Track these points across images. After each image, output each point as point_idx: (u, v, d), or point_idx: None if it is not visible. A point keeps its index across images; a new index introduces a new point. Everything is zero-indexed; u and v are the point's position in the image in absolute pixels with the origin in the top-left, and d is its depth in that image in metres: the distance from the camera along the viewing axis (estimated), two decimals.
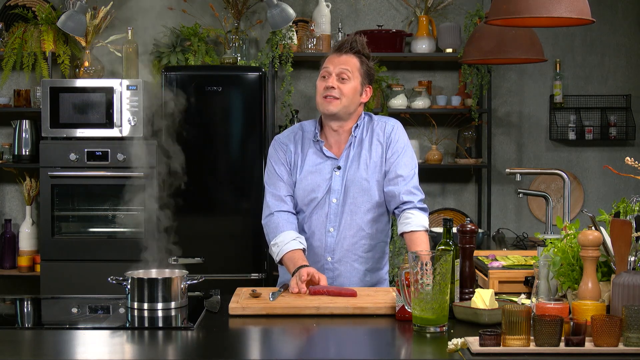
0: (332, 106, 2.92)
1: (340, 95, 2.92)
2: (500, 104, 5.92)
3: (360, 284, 3.01)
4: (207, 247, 4.98)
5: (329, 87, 2.91)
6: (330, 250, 2.99)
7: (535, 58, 4.29)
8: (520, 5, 3.00)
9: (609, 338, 2.17)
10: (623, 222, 2.40)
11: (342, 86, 2.92)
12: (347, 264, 2.99)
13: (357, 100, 2.96)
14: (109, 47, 5.46)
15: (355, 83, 2.94)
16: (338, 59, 2.94)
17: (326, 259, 3.00)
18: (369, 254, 3.02)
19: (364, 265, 3.02)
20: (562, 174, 4.25)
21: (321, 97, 2.94)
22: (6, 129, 5.76)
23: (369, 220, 2.98)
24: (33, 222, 5.49)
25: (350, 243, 2.98)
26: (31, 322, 2.88)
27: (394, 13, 5.88)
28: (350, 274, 3.00)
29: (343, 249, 2.98)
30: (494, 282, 3.41)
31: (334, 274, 3.00)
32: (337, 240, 2.98)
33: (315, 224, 3.00)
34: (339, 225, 2.98)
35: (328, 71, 2.94)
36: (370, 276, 3.05)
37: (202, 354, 2.35)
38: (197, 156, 5.00)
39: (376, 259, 3.05)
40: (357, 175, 2.96)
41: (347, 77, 2.92)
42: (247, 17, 5.69)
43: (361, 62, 2.95)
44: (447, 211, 5.86)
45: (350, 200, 2.97)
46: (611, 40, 5.88)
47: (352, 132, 3.00)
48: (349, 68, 2.92)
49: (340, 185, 2.96)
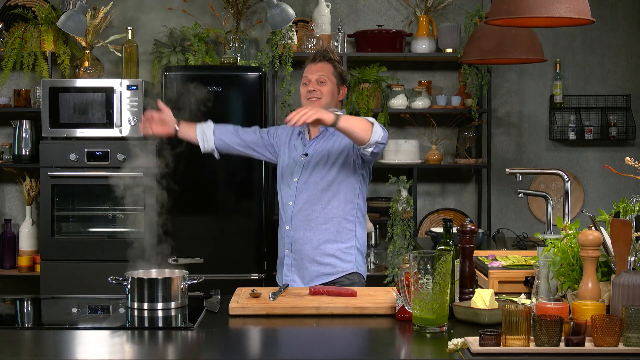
0: (315, 105, 3.39)
1: (321, 95, 3.44)
2: (500, 104, 5.92)
3: (313, 251, 3.42)
4: (207, 247, 4.98)
5: (310, 90, 3.45)
6: (289, 220, 3.46)
7: (535, 58, 4.29)
8: (520, 5, 3.00)
9: (609, 338, 2.17)
10: (623, 222, 2.40)
11: (321, 88, 3.45)
12: (300, 232, 3.43)
13: (335, 99, 3.49)
14: (109, 47, 5.46)
15: (332, 85, 3.47)
16: (314, 66, 3.48)
17: (286, 227, 3.48)
18: (323, 226, 3.42)
19: (316, 235, 3.42)
20: (562, 174, 4.25)
21: (305, 99, 3.48)
22: (6, 129, 5.76)
23: (322, 197, 3.41)
24: (33, 222, 5.49)
25: (303, 215, 3.42)
26: (31, 322, 2.88)
27: (394, 13, 5.88)
28: (303, 241, 3.43)
29: (297, 219, 3.44)
30: (494, 282, 3.41)
31: (290, 240, 3.46)
32: (293, 212, 3.44)
33: (284, 196, 3.51)
34: (295, 199, 3.44)
35: (308, 79, 3.48)
36: (326, 247, 3.42)
37: (202, 354, 2.35)
38: (197, 156, 4.98)
39: (332, 231, 3.43)
40: (319, 161, 3.42)
41: (324, 80, 3.45)
42: (247, 17, 5.69)
43: (334, 67, 3.48)
44: (447, 211, 5.86)
45: (306, 179, 3.43)
46: (611, 40, 5.89)
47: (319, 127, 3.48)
48: (324, 73, 3.46)
49: (301, 167, 3.45)
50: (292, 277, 3.45)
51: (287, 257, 3.48)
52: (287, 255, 3.48)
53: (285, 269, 3.48)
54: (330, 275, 3.40)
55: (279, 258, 3.58)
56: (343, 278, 3.41)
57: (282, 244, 3.51)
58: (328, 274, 3.41)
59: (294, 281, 3.43)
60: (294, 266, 3.46)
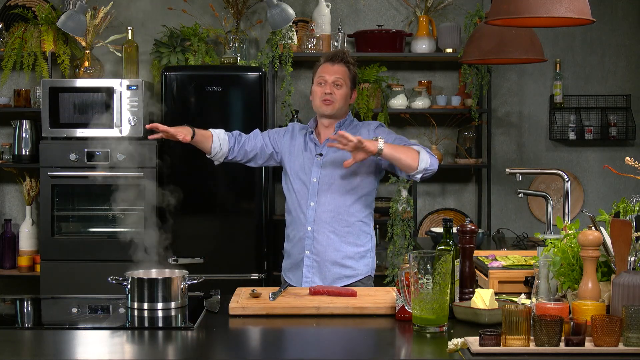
0: (329, 109, 3.44)
1: (336, 99, 3.43)
2: (500, 104, 5.92)
3: (336, 253, 3.39)
4: (207, 247, 4.98)
5: (327, 92, 3.42)
6: (311, 221, 3.40)
7: (535, 58, 4.29)
8: (520, 5, 3.00)
9: (609, 338, 2.17)
10: (623, 222, 2.40)
11: (337, 91, 3.44)
12: (324, 234, 3.39)
13: (347, 102, 3.50)
14: (109, 47, 5.46)
15: (347, 89, 3.47)
16: (332, 68, 3.45)
17: (307, 228, 3.41)
18: (345, 228, 3.40)
19: (340, 237, 3.40)
20: (562, 174, 4.25)
21: (320, 100, 3.45)
22: (6, 129, 5.76)
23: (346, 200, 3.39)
24: (33, 222, 5.49)
25: (328, 217, 3.38)
26: (31, 322, 2.88)
27: (394, 13, 5.88)
28: (327, 243, 3.39)
29: (320, 221, 3.39)
30: (494, 282, 3.41)
31: (312, 241, 3.40)
32: (316, 213, 3.38)
33: (300, 197, 3.43)
34: (318, 200, 3.39)
35: (324, 79, 3.44)
36: (347, 249, 3.41)
37: (202, 354, 2.35)
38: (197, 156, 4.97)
39: (354, 234, 3.42)
40: (335, 161, 3.39)
41: (340, 83, 3.44)
42: (247, 17, 5.69)
43: (349, 70, 3.48)
44: (447, 211, 5.86)
45: (326, 180, 3.39)
46: (611, 40, 5.89)
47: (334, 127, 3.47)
48: (341, 76, 3.45)
49: (319, 167, 3.42)
50: (313, 279, 3.38)
51: (307, 259, 3.40)
52: (307, 257, 3.40)
53: (305, 271, 3.39)
54: (351, 277, 3.38)
55: (291, 259, 3.49)
56: (358, 282, 3.40)
57: (301, 245, 3.42)
58: (349, 276, 3.38)
59: (314, 283, 3.36)
60: (315, 268, 3.39)
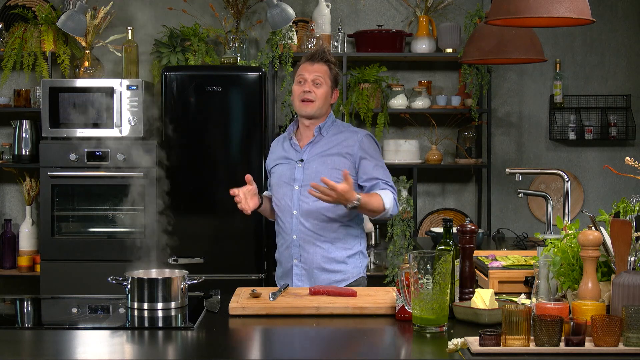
0: (309, 108, 3.36)
1: (315, 98, 3.35)
2: (500, 104, 5.92)
3: (323, 260, 3.34)
4: (207, 247, 4.98)
5: (306, 91, 3.34)
6: (295, 229, 3.35)
7: (535, 58, 4.29)
8: (520, 5, 3.00)
9: (609, 338, 2.17)
10: (623, 222, 2.40)
11: (317, 90, 3.35)
12: (309, 242, 3.34)
13: (328, 102, 3.41)
14: (109, 47, 5.46)
15: (327, 87, 3.37)
16: (312, 67, 3.37)
17: (292, 237, 3.36)
18: (332, 234, 3.35)
19: (326, 243, 3.35)
20: (562, 174, 4.25)
21: (299, 100, 3.37)
22: (6, 129, 5.76)
23: (329, 205, 3.25)
24: (33, 222, 5.49)
25: (312, 224, 3.33)
26: (31, 322, 2.88)
27: (394, 13, 5.88)
28: (313, 250, 3.34)
29: (305, 228, 3.34)
30: (494, 282, 3.41)
31: (299, 249, 3.36)
32: (300, 221, 3.34)
33: (283, 205, 3.39)
34: (300, 208, 3.34)
35: (304, 77, 3.36)
36: (335, 254, 3.36)
37: (202, 354, 2.35)
38: (197, 156, 5.00)
39: (341, 238, 3.37)
40: (318, 168, 3.33)
41: (320, 82, 3.35)
42: (247, 17, 5.69)
43: (330, 69, 3.39)
44: (447, 211, 5.86)
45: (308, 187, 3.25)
46: (611, 40, 5.88)
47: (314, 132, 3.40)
48: (321, 75, 3.36)
49: (301, 175, 3.36)
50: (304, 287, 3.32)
51: (295, 267, 3.36)
52: (295, 265, 3.36)
53: (295, 280, 3.36)
54: (341, 282, 3.35)
55: (282, 269, 3.45)
56: (353, 284, 3.36)
57: (289, 254, 3.38)
58: (339, 280, 3.34)
59: None
60: (304, 275, 3.35)
